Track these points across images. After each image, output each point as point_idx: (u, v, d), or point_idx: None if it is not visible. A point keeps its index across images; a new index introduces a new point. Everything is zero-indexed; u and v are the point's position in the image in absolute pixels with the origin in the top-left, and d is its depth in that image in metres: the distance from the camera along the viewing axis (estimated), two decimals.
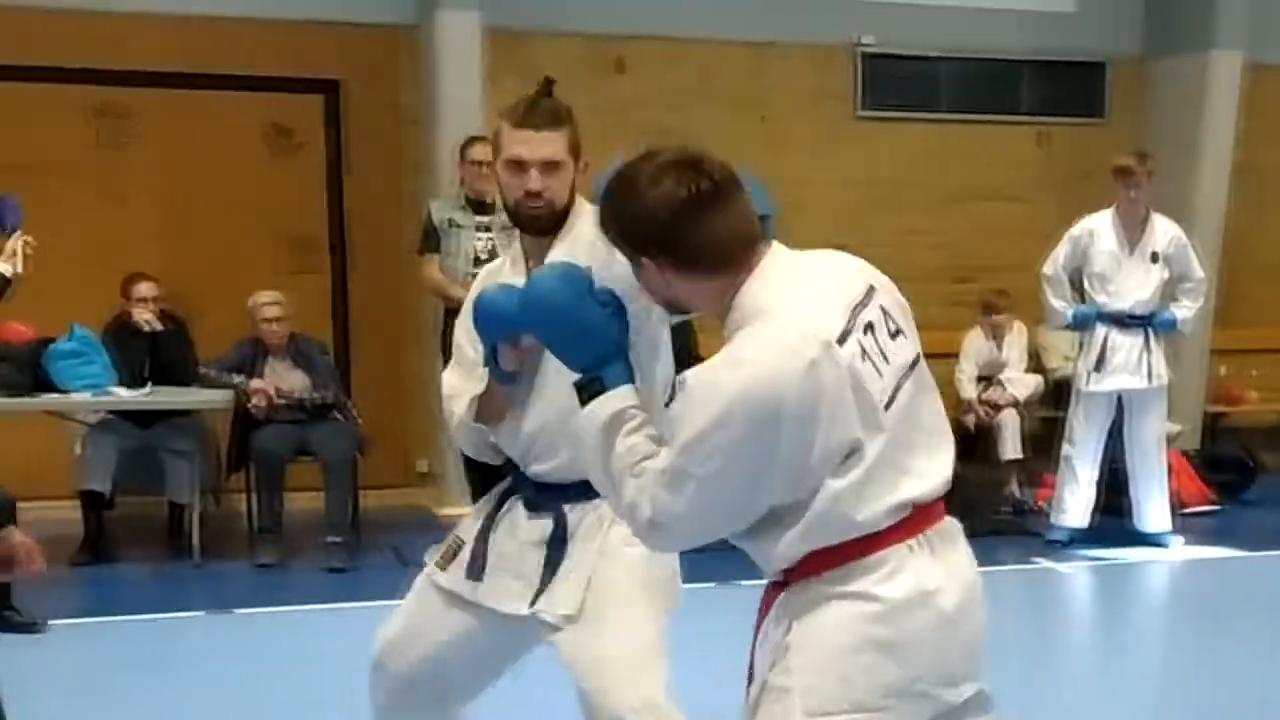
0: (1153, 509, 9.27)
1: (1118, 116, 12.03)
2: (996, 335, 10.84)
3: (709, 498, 2.73)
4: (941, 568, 2.81)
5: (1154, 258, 9.09)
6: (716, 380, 2.69)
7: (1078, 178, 11.49)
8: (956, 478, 8.79)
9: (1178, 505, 9.73)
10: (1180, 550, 9.25)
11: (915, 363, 2.85)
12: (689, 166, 2.81)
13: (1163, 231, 9.14)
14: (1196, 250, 9.30)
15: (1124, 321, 9.07)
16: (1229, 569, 9.09)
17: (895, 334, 2.82)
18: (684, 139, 9.39)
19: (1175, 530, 9.35)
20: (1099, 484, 9.30)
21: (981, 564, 8.26)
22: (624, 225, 2.86)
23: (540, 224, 3.73)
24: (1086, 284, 9.24)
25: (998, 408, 10.55)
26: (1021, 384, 10.73)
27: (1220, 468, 10.96)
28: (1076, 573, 8.87)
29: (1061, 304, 9.26)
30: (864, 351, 2.73)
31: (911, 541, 2.78)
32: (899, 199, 11.36)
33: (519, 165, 3.69)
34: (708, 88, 11.06)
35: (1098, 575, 8.91)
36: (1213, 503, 10.51)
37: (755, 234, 2.85)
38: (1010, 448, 10.49)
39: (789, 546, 2.79)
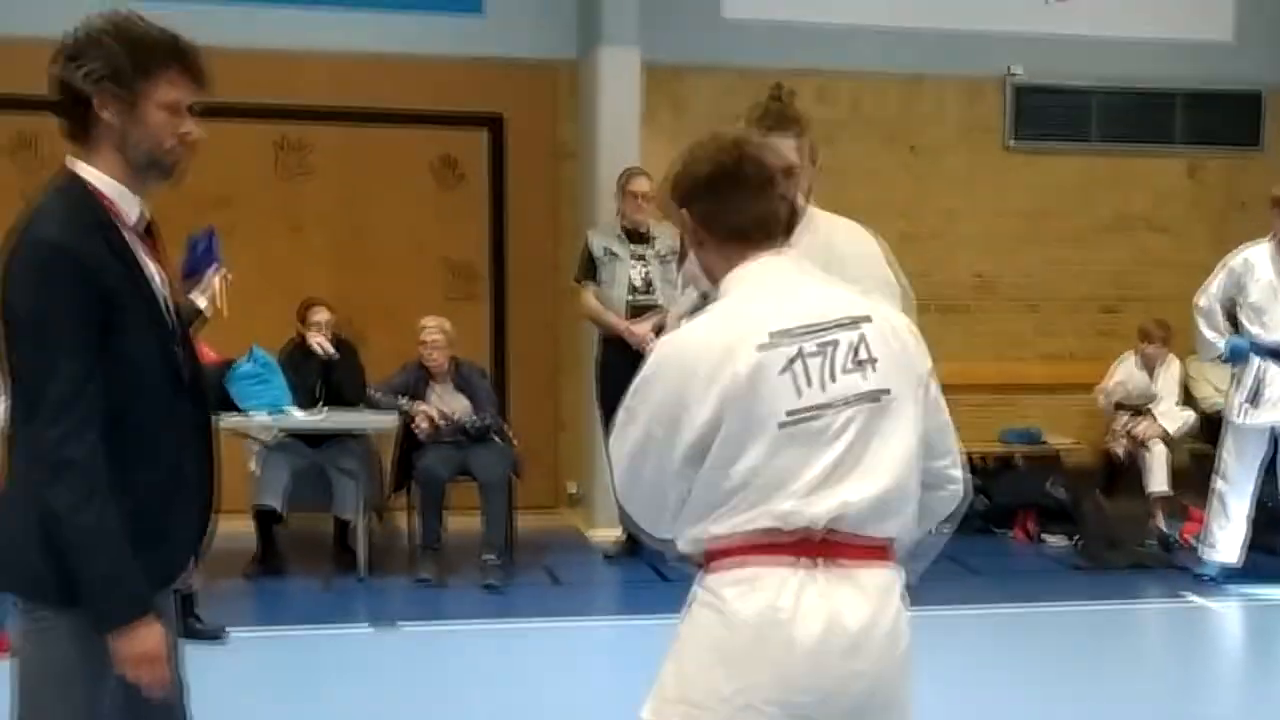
0: None
1: (1275, 147, 11.91)
2: (1149, 366, 10.77)
3: (641, 446, 2.98)
4: (818, 601, 2.86)
5: None
6: (662, 341, 3.09)
7: (1230, 208, 11.44)
8: (1099, 509, 8.75)
9: None
10: None
11: (879, 397, 2.92)
12: (734, 147, 3.09)
13: None
14: None
15: (1279, 355, 8.89)
16: None
17: (862, 362, 2.92)
18: (835, 172, 9.57)
19: None
20: (1251, 520, 9.06)
21: (1126, 597, 8.24)
22: (676, 178, 3.15)
23: None
24: (1241, 315, 9.06)
25: (1142, 442, 10.49)
26: (1172, 418, 10.61)
27: None
28: (1229, 610, 8.68)
29: (1214, 335, 9.09)
30: (790, 365, 2.89)
31: (790, 563, 2.87)
32: (1047, 230, 11.39)
33: None
34: (859, 120, 11.20)
35: (1251, 613, 8.71)
36: None
37: (766, 228, 3.07)
38: (1157, 481, 10.38)
39: (685, 531, 2.98)
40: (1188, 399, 10.88)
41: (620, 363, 8.33)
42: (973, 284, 11.37)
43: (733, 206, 3.07)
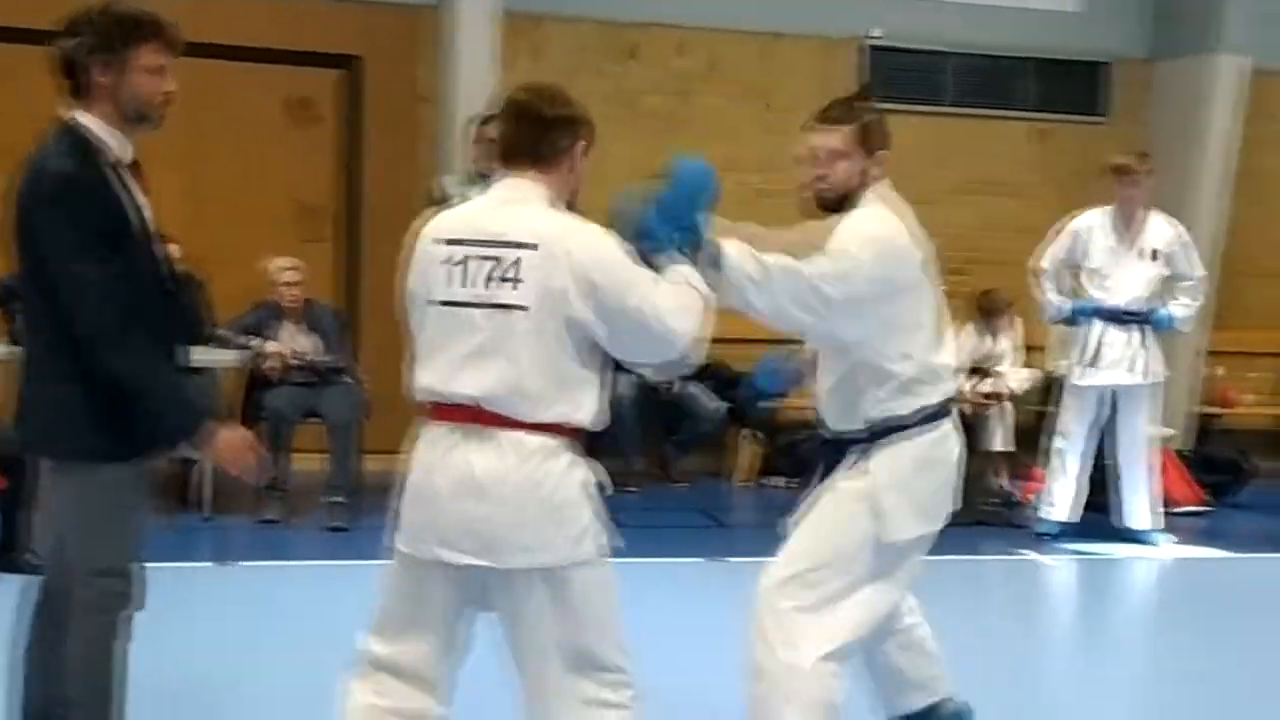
0: (1140, 506, 9.30)
1: (1120, 116, 12.15)
2: (992, 330, 10.91)
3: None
4: (460, 456, 3.60)
5: (1153, 255, 9.12)
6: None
7: (1076, 175, 11.63)
8: None
9: (1168, 504, 9.76)
10: (1168, 549, 9.26)
11: (514, 310, 3.55)
12: (526, 88, 3.78)
13: (1161, 229, 9.16)
14: (1194, 249, 9.34)
15: (1119, 317, 9.10)
16: (1216, 569, 9.15)
17: (508, 280, 3.57)
18: (691, 125, 9.61)
19: (1164, 529, 9.37)
20: (1088, 479, 9.33)
21: (966, 553, 8.43)
22: None
23: (823, 204, 4.33)
24: (1083, 279, 9.26)
25: (997, 397, 10.66)
26: (1016, 377, 10.79)
27: (1212, 469, 11.05)
28: (1062, 566, 8.92)
29: (1057, 298, 9.29)
30: (462, 262, 3.61)
31: (447, 427, 3.63)
32: (898, 190, 11.45)
33: (808, 153, 4.31)
34: (716, 76, 11.26)
35: (1084, 569, 8.96)
36: (1204, 504, 10.58)
37: (512, 153, 3.71)
38: (999, 439, 10.57)
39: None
40: (1035, 360, 11.05)
41: None
42: None
43: (500, 134, 3.79)
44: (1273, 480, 11.13)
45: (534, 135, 3.69)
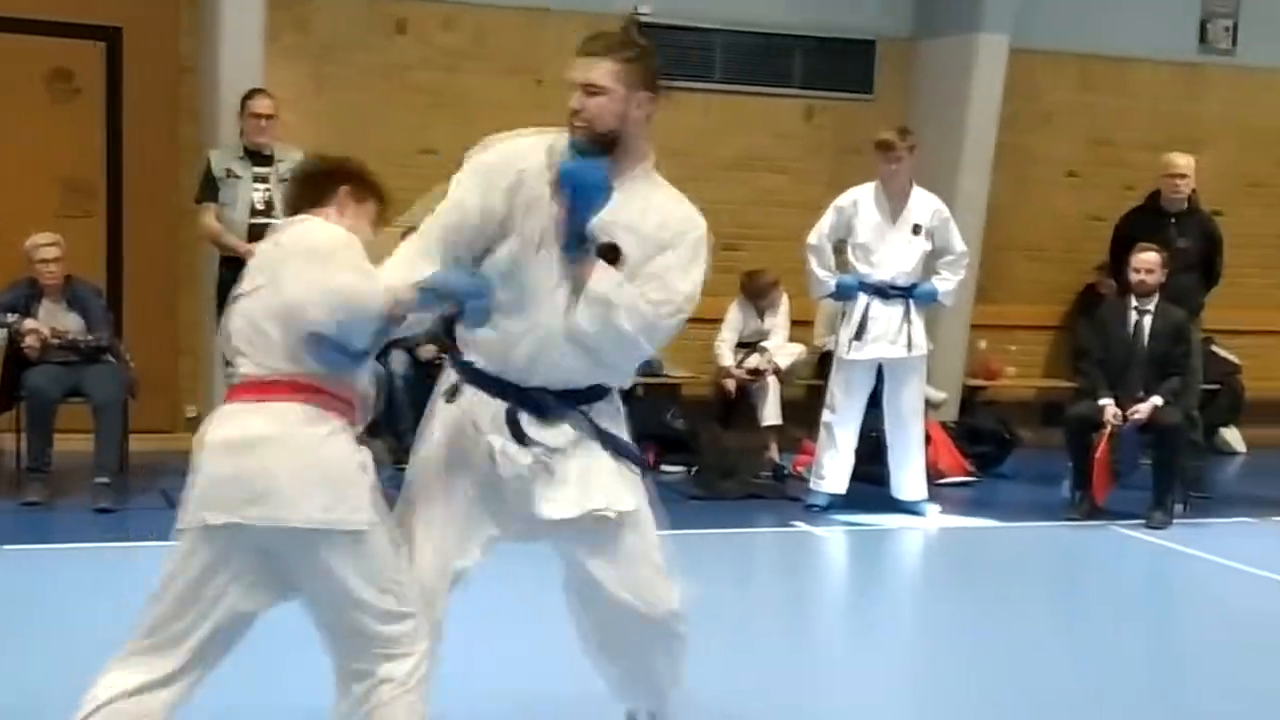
0: (909, 477, 9.46)
1: (886, 94, 12.30)
2: (759, 309, 11.08)
3: None
4: (232, 420, 3.79)
5: (915, 230, 9.23)
6: None
7: (844, 152, 11.79)
8: (716, 440, 9.03)
9: (936, 475, 9.99)
10: (936, 519, 9.43)
11: (254, 291, 3.87)
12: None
13: (924, 205, 9.29)
14: (958, 225, 9.51)
15: (885, 292, 9.20)
16: (982, 538, 9.34)
17: (252, 271, 3.92)
18: (461, 101, 9.53)
19: (932, 499, 9.55)
20: (853, 451, 9.44)
21: (739, 526, 8.54)
22: None
23: (581, 144, 4.07)
24: (850, 254, 9.36)
25: (759, 373, 10.79)
26: (784, 352, 10.97)
27: (978, 440, 11.25)
28: (833, 537, 9.02)
29: (825, 273, 9.35)
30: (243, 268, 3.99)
31: (237, 405, 3.82)
32: (668, 167, 11.42)
33: (571, 86, 4.05)
34: (484, 51, 11.18)
35: (854, 540, 9.06)
36: (969, 474, 10.79)
37: (289, 210, 4.15)
38: (770, 414, 10.70)
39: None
40: (803, 335, 11.21)
41: None
42: None
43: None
44: (1034, 450, 11.38)
45: (297, 191, 4.15)
